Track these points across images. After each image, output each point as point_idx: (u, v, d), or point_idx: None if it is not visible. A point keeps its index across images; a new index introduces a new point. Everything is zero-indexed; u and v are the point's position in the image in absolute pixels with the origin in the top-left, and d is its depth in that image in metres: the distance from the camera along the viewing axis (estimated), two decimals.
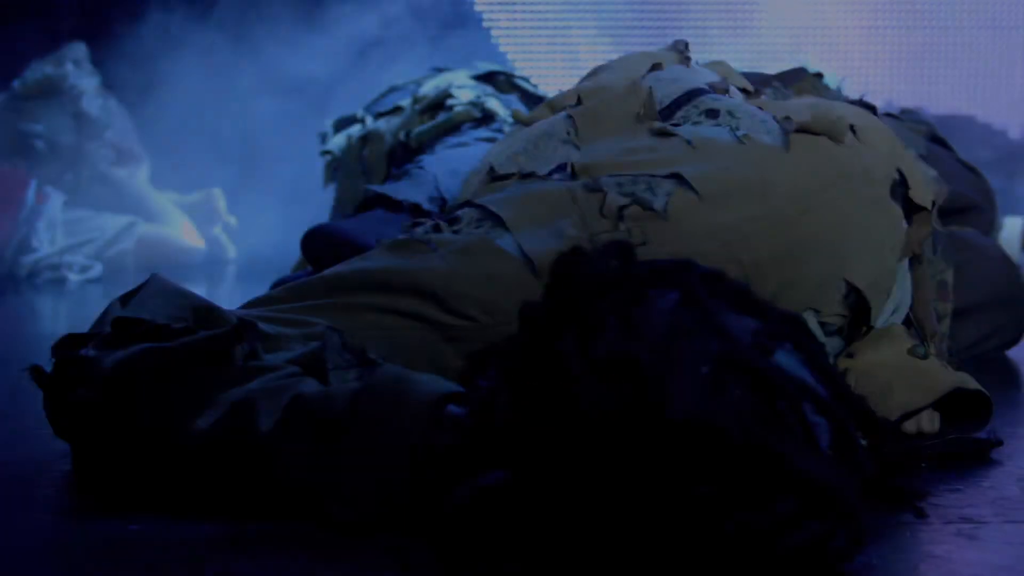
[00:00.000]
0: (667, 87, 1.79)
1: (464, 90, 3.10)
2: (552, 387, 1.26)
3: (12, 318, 3.25)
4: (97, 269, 3.65)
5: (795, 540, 1.20)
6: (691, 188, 1.62)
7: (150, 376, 1.47)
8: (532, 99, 3.14)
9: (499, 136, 2.85)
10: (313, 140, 4.73)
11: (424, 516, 1.29)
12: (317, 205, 4.58)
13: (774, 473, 1.20)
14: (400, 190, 2.50)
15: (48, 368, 1.56)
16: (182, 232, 3.97)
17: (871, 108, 2.09)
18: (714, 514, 1.19)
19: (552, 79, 5.06)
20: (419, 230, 1.69)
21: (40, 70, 3.89)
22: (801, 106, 1.77)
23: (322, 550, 1.28)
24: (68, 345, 1.57)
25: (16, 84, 3.93)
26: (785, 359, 1.31)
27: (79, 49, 3.95)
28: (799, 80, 2.24)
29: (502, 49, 5.59)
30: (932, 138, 2.47)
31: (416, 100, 3.16)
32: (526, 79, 3.27)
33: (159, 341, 1.50)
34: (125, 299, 1.63)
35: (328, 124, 3.40)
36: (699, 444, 1.20)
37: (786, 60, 5.38)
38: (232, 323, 1.53)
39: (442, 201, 2.43)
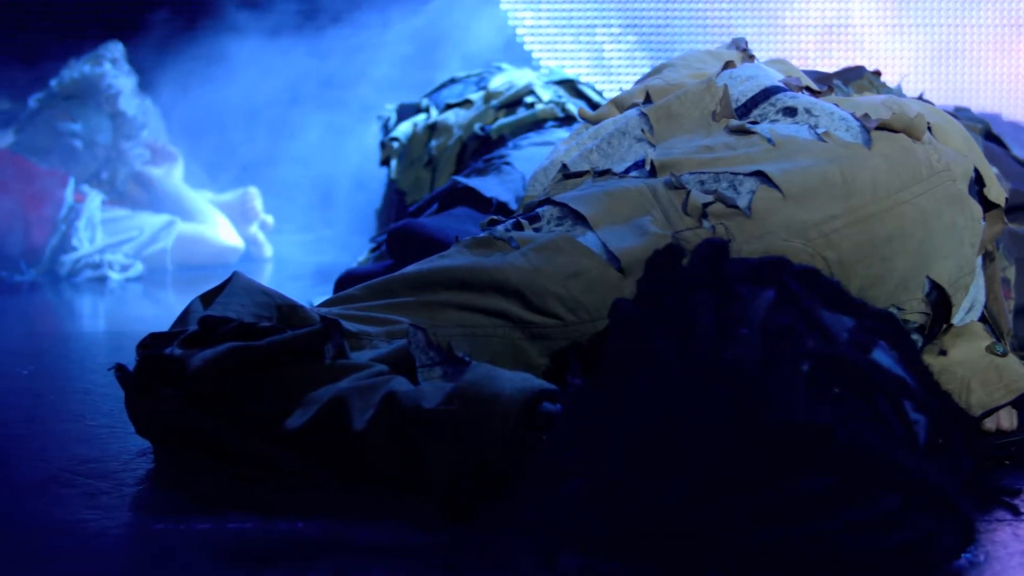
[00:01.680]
0: (741, 85, 1.79)
1: (544, 90, 3.11)
2: (648, 388, 1.26)
3: (65, 317, 3.25)
4: (138, 268, 3.65)
5: (901, 537, 1.20)
6: (774, 186, 1.62)
7: (238, 375, 1.47)
8: (594, 107, 3.15)
9: None
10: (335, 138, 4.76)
11: (523, 512, 1.29)
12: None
13: (877, 471, 1.20)
14: (489, 187, 2.50)
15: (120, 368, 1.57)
16: (219, 231, 3.96)
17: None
18: (820, 511, 1.19)
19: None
20: (499, 228, 1.69)
21: (77, 69, 3.88)
22: (875, 103, 1.77)
23: (424, 548, 1.28)
24: (152, 344, 1.57)
25: (53, 83, 3.93)
26: (881, 357, 1.31)
27: (116, 48, 3.94)
28: (858, 78, 2.24)
29: (527, 47, 5.58)
30: (987, 136, 2.47)
31: (489, 95, 3.16)
32: (591, 86, 3.29)
33: (246, 340, 1.50)
34: (206, 298, 1.63)
35: (390, 109, 3.41)
36: (803, 443, 1.20)
37: (813, 59, 5.37)
38: (317, 321, 1.53)
39: None
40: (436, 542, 1.30)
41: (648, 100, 1.88)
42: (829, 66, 2.42)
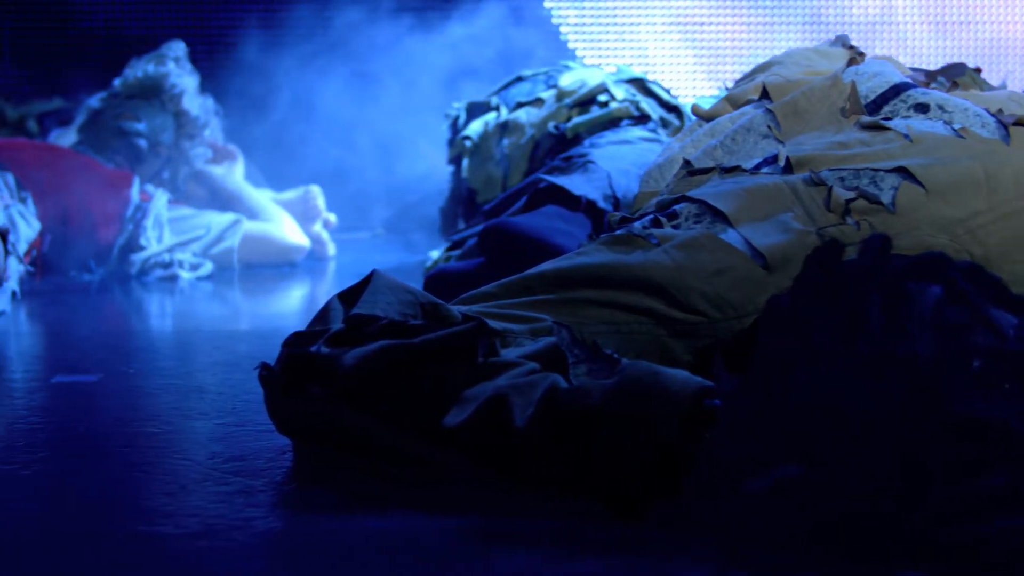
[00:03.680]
0: (869, 81, 1.79)
1: (616, 88, 3.12)
2: (809, 383, 1.26)
3: (144, 315, 3.26)
4: (208, 267, 3.65)
5: None
6: (917, 182, 1.62)
7: (393, 373, 1.47)
8: (665, 105, 3.15)
9: (655, 136, 2.86)
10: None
11: (700, 510, 1.29)
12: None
13: None
14: (577, 184, 2.51)
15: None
16: (285, 229, 3.96)
17: None
18: (1005, 507, 1.19)
19: None
20: (637, 225, 1.69)
21: (141, 68, 3.88)
22: (1003, 98, 1.78)
23: (600, 545, 1.28)
24: (296, 342, 1.57)
25: (117, 83, 3.93)
26: None
27: (179, 47, 3.94)
28: (961, 75, 2.24)
29: (571, 45, 5.59)
30: None
31: (561, 93, 3.17)
32: (660, 84, 3.29)
33: (397, 338, 1.50)
34: (345, 296, 1.63)
35: (458, 108, 3.42)
36: (983, 437, 1.20)
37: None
38: (460, 320, 1.53)
39: (615, 200, 2.44)
40: (610, 539, 1.30)
41: (765, 96, 1.88)
42: None
